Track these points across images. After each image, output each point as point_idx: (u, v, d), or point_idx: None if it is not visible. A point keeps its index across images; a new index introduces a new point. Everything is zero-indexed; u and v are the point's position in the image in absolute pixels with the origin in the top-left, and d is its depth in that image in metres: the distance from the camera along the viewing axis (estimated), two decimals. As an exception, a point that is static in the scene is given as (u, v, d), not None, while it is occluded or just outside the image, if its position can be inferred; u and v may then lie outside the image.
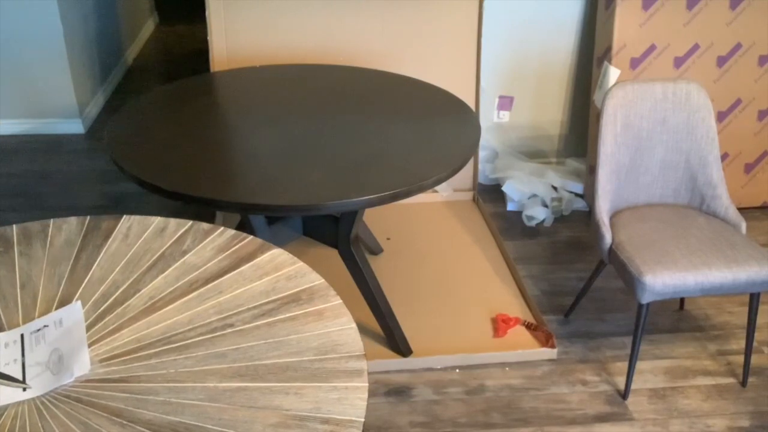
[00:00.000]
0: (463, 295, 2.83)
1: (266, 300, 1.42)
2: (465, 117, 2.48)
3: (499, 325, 2.63)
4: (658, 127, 2.46)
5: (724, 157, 3.31)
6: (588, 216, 3.41)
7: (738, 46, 3.16)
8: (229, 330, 1.34)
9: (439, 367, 2.48)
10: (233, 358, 1.27)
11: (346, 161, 2.17)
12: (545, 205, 3.39)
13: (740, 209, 2.48)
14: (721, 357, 2.56)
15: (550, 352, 2.54)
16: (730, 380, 2.45)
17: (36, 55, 3.96)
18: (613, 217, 2.47)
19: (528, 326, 2.65)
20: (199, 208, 3.37)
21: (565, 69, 3.57)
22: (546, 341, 2.57)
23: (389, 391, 2.38)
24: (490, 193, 3.56)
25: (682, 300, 2.81)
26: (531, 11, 3.41)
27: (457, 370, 2.46)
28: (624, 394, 2.37)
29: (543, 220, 3.34)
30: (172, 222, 1.66)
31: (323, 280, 1.48)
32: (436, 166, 2.13)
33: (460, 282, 2.91)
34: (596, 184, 2.41)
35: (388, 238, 3.13)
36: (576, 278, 2.95)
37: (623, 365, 2.45)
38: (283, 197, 1.96)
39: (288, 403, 1.18)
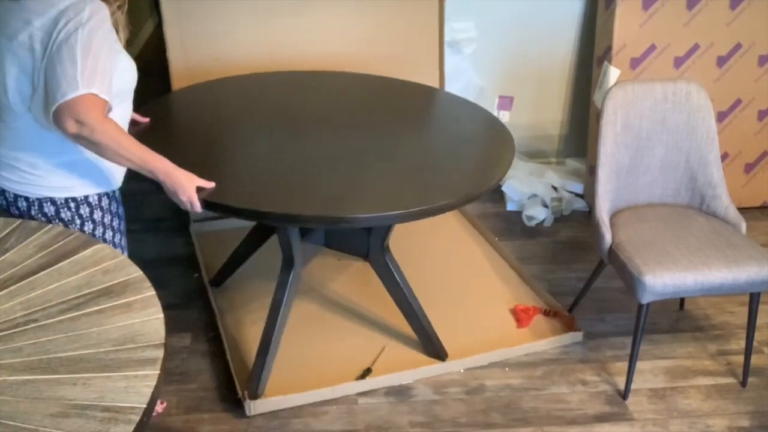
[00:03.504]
0: (474, 293, 2.83)
1: (77, 294, 1.44)
2: (494, 126, 2.46)
3: (520, 315, 2.65)
4: (658, 127, 2.46)
5: (724, 157, 3.31)
6: (588, 216, 3.40)
7: (738, 46, 3.16)
8: (32, 325, 1.36)
9: (486, 364, 2.48)
10: (29, 352, 1.29)
11: (404, 168, 2.14)
12: (545, 205, 3.39)
13: (740, 209, 2.48)
14: (721, 357, 2.56)
15: (577, 335, 2.57)
16: (730, 380, 2.45)
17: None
18: (613, 217, 2.47)
19: (546, 313, 2.68)
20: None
21: (565, 69, 3.57)
22: (569, 326, 2.59)
23: (389, 391, 2.38)
24: (490, 193, 3.55)
25: (682, 300, 2.81)
26: (531, 11, 3.41)
27: (462, 370, 2.46)
28: (624, 394, 2.37)
29: (543, 220, 3.34)
30: (0, 221, 1.68)
31: (140, 273, 1.50)
32: (486, 168, 2.13)
33: (467, 280, 2.91)
34: (596, 184, 2.41)
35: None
36: (576, 278, 2.95)
37: (623, 365, 2.45)
38: (357, 208, 1.91)
39: (73, 393, 1.20)
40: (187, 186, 1.82)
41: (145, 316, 1.38)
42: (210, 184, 1.89)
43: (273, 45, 3.11)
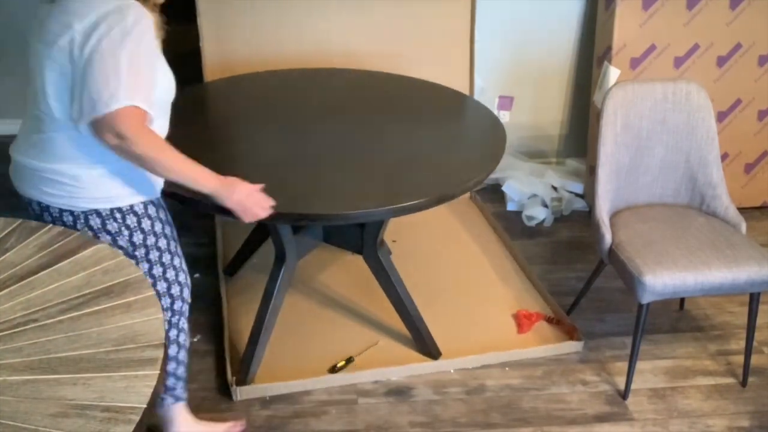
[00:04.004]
0: (478, 294, 2.83)
1: (77, 294, 1.44)
2: (481, 115, 2.48)
3: (522, 321, 2.64)
4: (658, 127, 2.46)
5: (724, 157, 3.31)
6: (588, 216, 3.41)
7: (738, 46, 3.16)
8: (32, 325, 1.36)
9: (478, 366, 2.48)
10: (29, 352, 1.29)
11: (383, 167, 2.15)
12: (545, 205, 3.39)
13: (740, 209, 2.48)
14: (721, 357, 2.56)
15: (576, 345, 2.55)
16: (730, 380, 2.45)
17: (36, 55, 3.96)
18: (613, 217, 2.47)
19: (549, 320, 2.67)
20: (202, 213, 3.37)
21: (565, 69, 3.57)
22: (571, 334, 2.58)
23: (389, 391, 2.38)
24: (490, 193, 3.56)
25: (682, 300, 2.81)
26: (531, 11, 3.42)
27: (452, 370, 2.47)
28: (624, 394, 2.37)
29: (543, 220, 3.34)
30: (0, 221, 1.67)
31: (140, 273, 1.50)
32: (468, 170, 2.13)
33: (473, 280, 2.92)
34: (596, 184, 2.41)
35: (394, 241, 3.11)
36: (576, 278, 2.95)
37: (623, 365, 2.45)
38: (336, 206, 1.93)
39: (73, 393, 1.20)
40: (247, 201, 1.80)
41: (145, 316, 1.38)
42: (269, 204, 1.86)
43: (308, 42, 3.18)
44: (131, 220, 1.78)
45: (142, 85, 1.59)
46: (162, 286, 1.86)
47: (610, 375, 2.47)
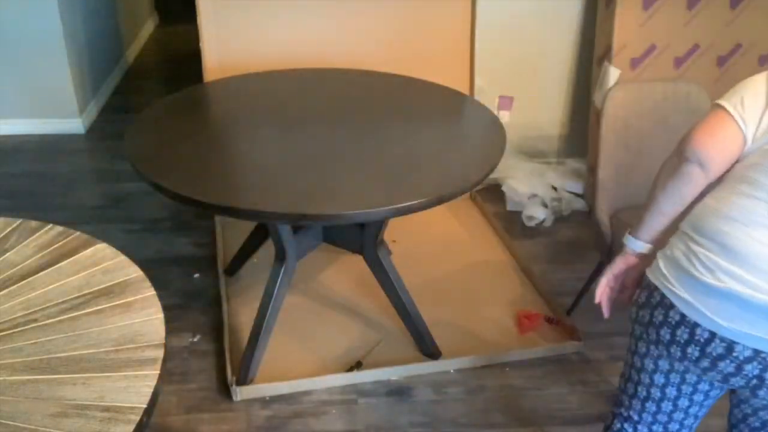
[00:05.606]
0: (478, 294, 2.83)
1: (77, 294, 1.45)
2: (481, 115, 2.48)
3: (522, 321, 2.64)
4: (658, 127, 2.46)
5: (724, 157, 3.30)
6: (588, 216, 3.41)
7: (738, 46, 3.16)
8: (32, 325, 1.37)
9: (478, 365, 2.48)
10: (29, 352, 1.30)
11: (383, 167, 2.16)
12: (545, 205, 3.39)
13: (740, 209, 2.48)
14: (721, 357, 2.56)
15: (576, 345, 2.55)
16: (730, 380, 2.45)
17: (36, 55, 3.96)
18: (613, 217, 2.47)
19: (549, 321, 2.67)
20: (202, 213, 3.37)
21: (565, 69, 3.57)
22: (571, 334, 2.58)
23: (389, 391, 2.38)
24: (490, 193, 3.56)
25: (682, 300, 2.80)
26: (531, 11, 3.41)
27: (452, 370, 2.47)
28: (624, 394, 2.37)
29: (543, 220, 3.35)
30: (0, 221, 1.68)
31: (140, 273, 1.51)
32: (468, 170, 2.13)
33: (474, 281, 2.91)
34: (596, 184, 2.41)
35: (394, 241, 3.12)
36: (576, 278, 2.94)
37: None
38: (336, 206, 1.93)
39: (73, 393, 1.21)
40: None
41: (145, 316, 1.38)
42: None
43: (308, 42, 3.18)
44: None
45: None
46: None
47: (610, 375, 2.47)
